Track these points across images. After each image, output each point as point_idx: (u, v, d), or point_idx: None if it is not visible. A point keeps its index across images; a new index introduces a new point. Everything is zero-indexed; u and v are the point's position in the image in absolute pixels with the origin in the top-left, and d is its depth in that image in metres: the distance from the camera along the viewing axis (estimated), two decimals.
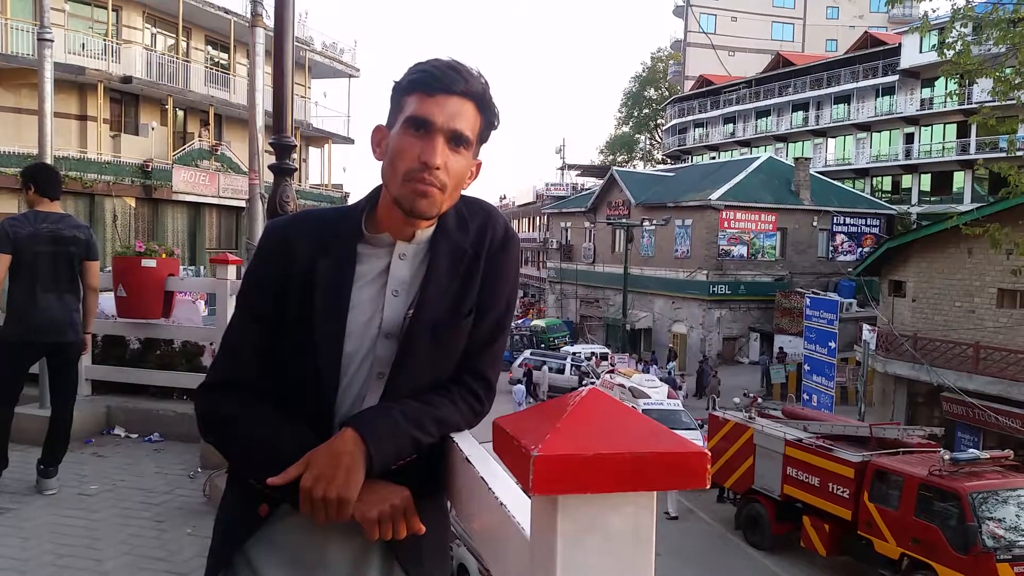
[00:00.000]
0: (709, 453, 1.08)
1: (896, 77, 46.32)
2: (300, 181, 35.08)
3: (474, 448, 1.57)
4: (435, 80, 1.55)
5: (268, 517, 1.61)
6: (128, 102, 28.95)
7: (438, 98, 1.55)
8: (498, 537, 1.32)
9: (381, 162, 1.64)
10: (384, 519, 1.49)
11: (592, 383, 27.73)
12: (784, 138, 56.05)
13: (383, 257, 1.65)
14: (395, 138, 1.59)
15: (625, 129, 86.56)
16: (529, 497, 1.14)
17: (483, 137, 1.65)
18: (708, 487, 1.05)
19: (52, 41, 7.22)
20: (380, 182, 1.67)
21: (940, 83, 42.35)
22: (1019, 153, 15.33)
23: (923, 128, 45.81)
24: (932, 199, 45.17)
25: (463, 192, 1.67)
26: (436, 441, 1.61)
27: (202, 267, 26.30)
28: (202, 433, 1.68)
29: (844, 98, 51.15)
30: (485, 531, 1.42)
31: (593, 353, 36.03)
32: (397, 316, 1.63)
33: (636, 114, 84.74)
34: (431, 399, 1.62)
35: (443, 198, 1.59)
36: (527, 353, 35.02)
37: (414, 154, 1.55)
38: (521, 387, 30.28)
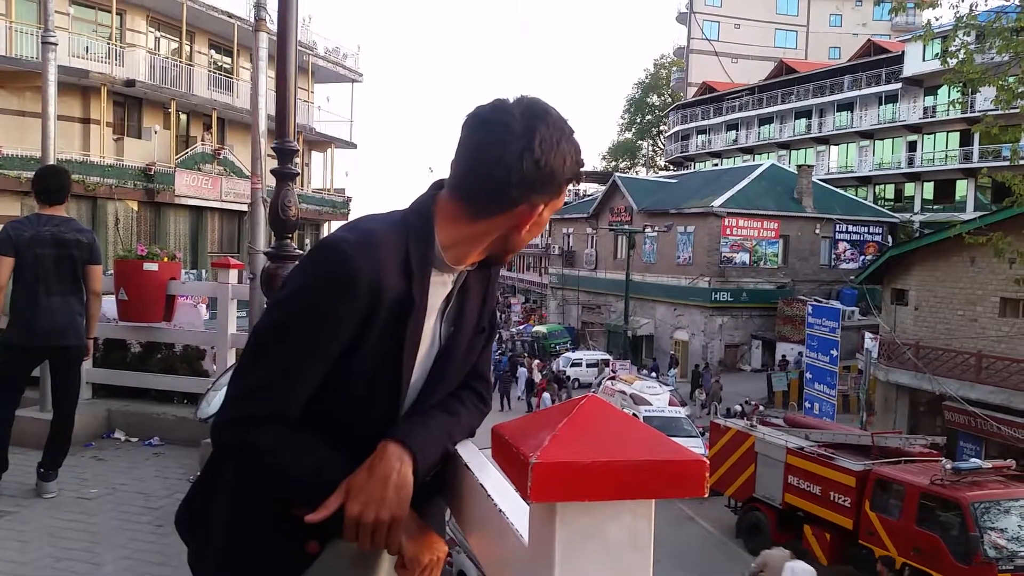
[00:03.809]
0: (708, 461, 1.07)
1: (899, 85, 46.35)
2: (302, 185, 35.14)
3: (473, 455, 1.58)
4: (581, 173, 1.59)
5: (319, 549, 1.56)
6: (131, 105, 29.01)
7: None
8: (497, 544, 1.33)
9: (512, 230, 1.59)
10: (430, 568, 1.49)
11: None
12: (787, 145, 56.07)
13: (447, 284, 1.62)
14: (540, 222, 1.60)
15: (628, 135, 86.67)
16: (528, 504, 1.13)
17: None
18: (706, 495, 1.05)
19: (56, 44, 7.21)
20: (425, 197, 1.61)
21: (943, 91, 42.34)
22: (1022, 162, 15.29)
23: (926, 136, 45.81)
24: (935, 207, 45.15)
25: None
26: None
27: (204, 271, 26.35)
28: (236, 464, 1.57)
29: (847, 106, 51.19)
30: (484, 538, 1.42)
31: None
32: (447, 341, 1.66)
33: (639, 120, 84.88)
34: (452, 407, 1.65)
35: None
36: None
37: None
38: (547, 395, 30.23)
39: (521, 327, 50.37)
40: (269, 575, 1.58)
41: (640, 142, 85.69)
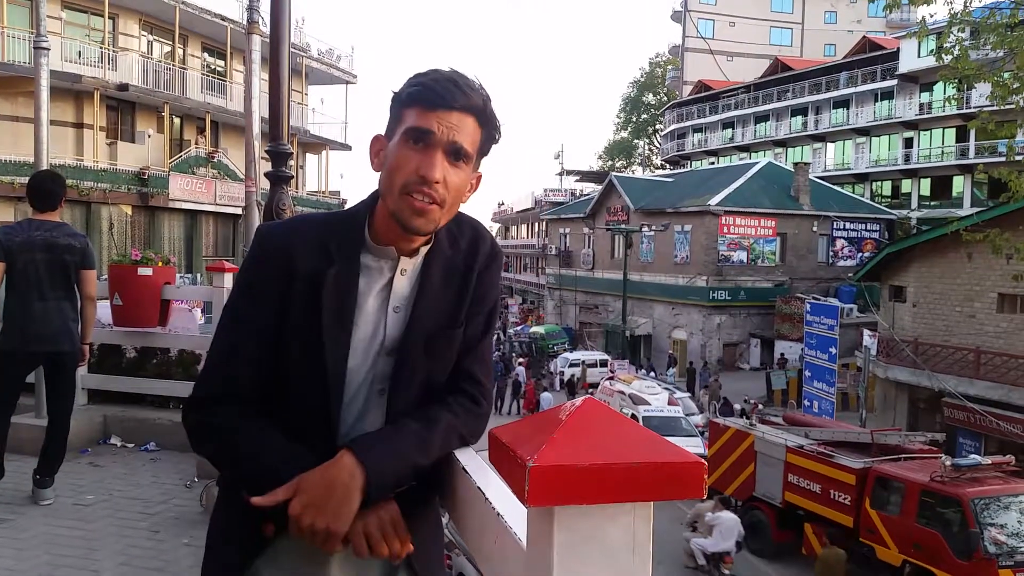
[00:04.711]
0: (706, 463, 1.06)
1: (895, 82, 46.49)
2: (297, 188, 35.18)
3: (471, 458, 1.58)
4: (434, 94, 1.52)
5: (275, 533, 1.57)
6: (124, 109, 29.03)
7: (438, 112, 1.52)
8: (495, 548, 1.32)
9: (379, 173, 1.61)
10: (372, 533, 1.46)
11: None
12: (783, 143, 56.20)
13: (386, 271, 1.62)
14: (393, 150, 1.55)
15: (624, 134, 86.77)
16: (526, 508, 1.12)
17: (484, 150, 1.62)
18: (705, 497, 1.04)
19: (48, 49, 7.20)
20: (376, 189, 1.64)
21: (939, 87, 42.46)
22: (1018, 158, 15.31)
23: (922, 132, 45.95)
24: (932, 203, 45.30)
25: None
26: (436, 461, 1.59)
27: (199, 275, 26.33)
28: (193, 446, 1.64)
29: (843, 103, 51.31)
30: (482, 541, 1.42)
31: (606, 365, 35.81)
32: (398, 333, 1.62)
33: (635, 119, 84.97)
34: (433, 415, 1.60)
35: (441, 214, 1.56)
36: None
37: (412, 167, 1.52)
38: (549, 395, 30.20)
39: (519, 328, 50.39)
40: (230, 553, 1.62)
41: (636, 141, 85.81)
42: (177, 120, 31.24)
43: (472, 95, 1.55)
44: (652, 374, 34.25)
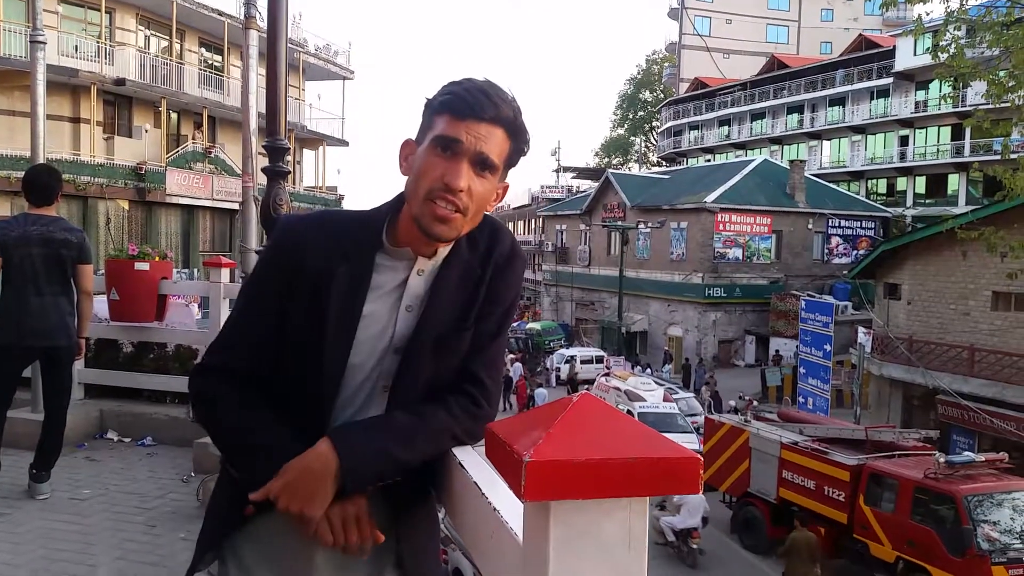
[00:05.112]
0: (701, 458, 1.07)
1: (891, 80, 46.45)
2: (294, 183, 35.06)
3: (467, 454, 1.58)
4: (464, 104, 1.54)
5: (256, 512, 1.60)
6: (121, 104, 28.91)
7: (467, 122, 1.54)
8: (491, 542, 1.32)
9: (406, 177, 1.63)
10: (333, 522, 1.48)
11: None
12: (779, 140, 56.13)
13: (401, 270, 1.63)
14: (421, 156, 1.57)
15: (620, 131, 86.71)
16: (522, 502, 1.12)
17: (511, 161, 1.63)
18: (700, 492, 1.05)
19: (44, 43, 7.18)
20: (401, 191, 1.66)
21: (934, 86, 42.45)
22: (1013, 156, 15.29)
23: (918, 130, 45.93)
24: (927, 201, 45.29)
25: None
26: (428, 458, 1.58)
27: (196, 270, 26.30)
28: (193, 412, 1.70)
29: (839, 100, 51.26)
30: (478, 536, 1.41)
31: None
32: (408, 331, 1.63)
33: (631, 116, 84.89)
34: (425, 413, 1.60)
35: (463, 222, 1.58)
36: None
37: (437, 174, 1.54)
38: (544, 391, 30.08)
39: (515, 324, 50.41)
40: (216, 522, 1.70)
41: (633, 138, 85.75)
42: (174, 115, 31.13)
43: (502, 107, 1.56)
44: (648, 370, 34.27)
